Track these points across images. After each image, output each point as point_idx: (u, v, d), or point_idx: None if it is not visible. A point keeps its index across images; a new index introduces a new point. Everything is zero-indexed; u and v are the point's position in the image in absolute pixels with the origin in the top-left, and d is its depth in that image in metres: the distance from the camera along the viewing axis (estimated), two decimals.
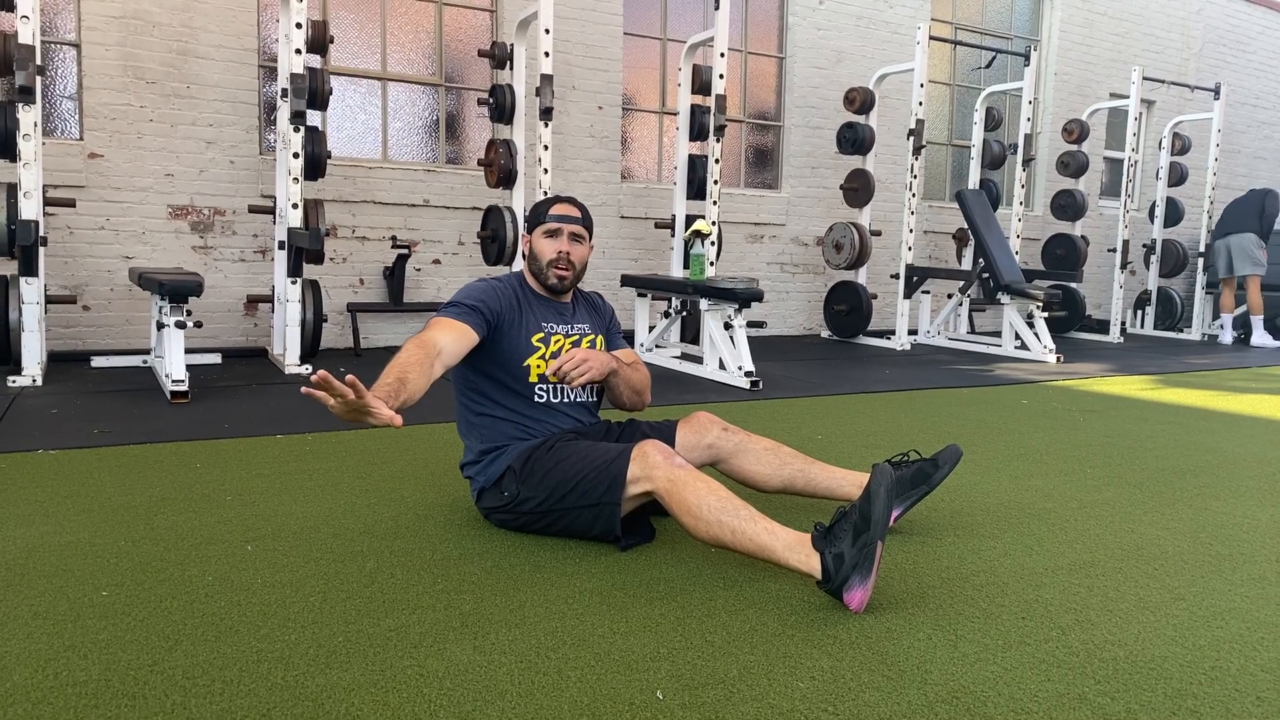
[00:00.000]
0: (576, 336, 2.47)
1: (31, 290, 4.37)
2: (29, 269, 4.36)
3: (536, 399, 2.38)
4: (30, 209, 4.31)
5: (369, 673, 1.57)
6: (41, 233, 4.41)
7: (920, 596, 1.97)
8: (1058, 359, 6.55)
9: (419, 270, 6.38)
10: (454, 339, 2.19)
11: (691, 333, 6.28)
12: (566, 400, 2.42)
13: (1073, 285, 8.74)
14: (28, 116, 4.28)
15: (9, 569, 2.00)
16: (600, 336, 2.54)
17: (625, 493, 2.11)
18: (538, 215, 2.45)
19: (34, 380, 4.37)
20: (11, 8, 4.31)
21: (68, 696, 1.46)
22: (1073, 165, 8.85)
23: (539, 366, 2.36)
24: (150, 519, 2.38)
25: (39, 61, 4.37)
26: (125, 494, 2.61)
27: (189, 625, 1.73)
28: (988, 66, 7.27)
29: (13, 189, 4.39)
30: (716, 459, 2.44)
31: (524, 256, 2.51)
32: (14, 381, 4.33)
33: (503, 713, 1.45)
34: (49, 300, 4.83)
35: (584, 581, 2.00)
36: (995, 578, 2.10)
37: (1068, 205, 8.84)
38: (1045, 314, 6.92)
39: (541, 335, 2.38)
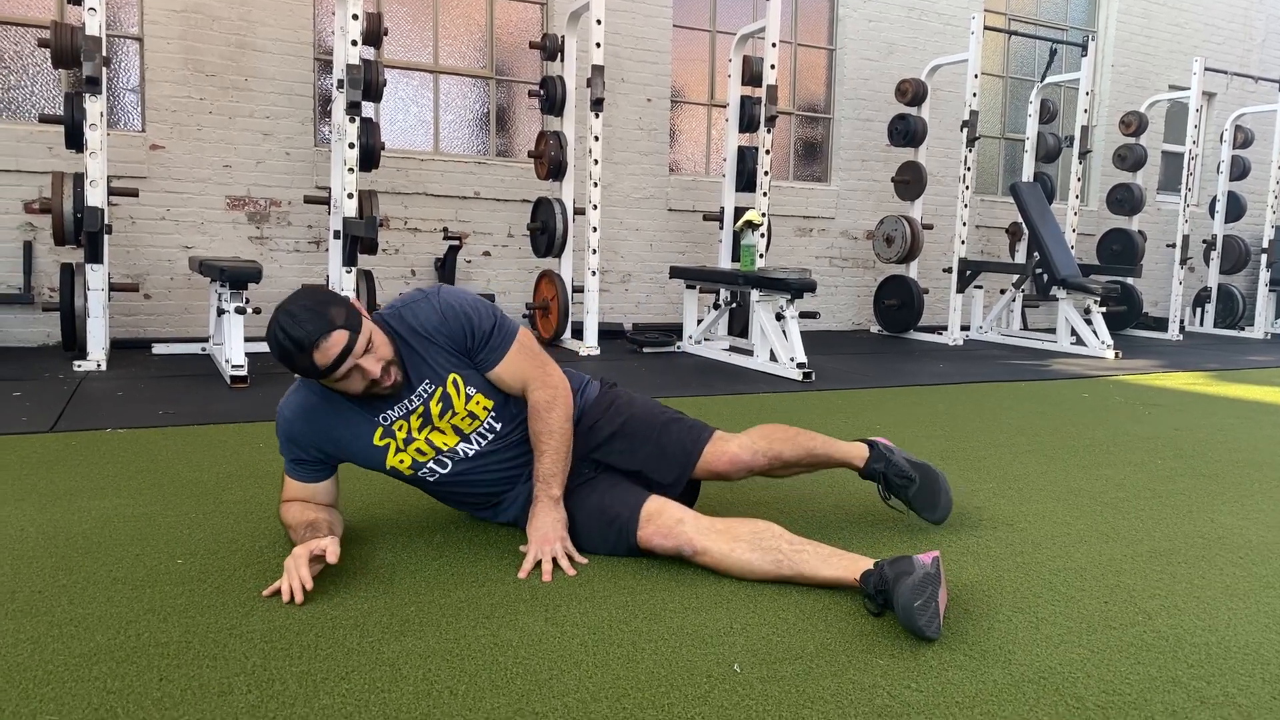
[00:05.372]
0: (420, 407, 1.94)
1: (97, 277, 4.47)
2: (95, 255, 4.45)
3: (429, 479, 2.02)
4: (96, 197, 4.40)
5: (443, 640, 1.57)
6: (106, 221, 4.50)
7: (995, 580, 1.93)
8: (1116, 355, 6.40)
9: (469, 262, 6.42)
10: (319, 491, 2.00)
11: (740, 325, 6.23)
12: (464, 459, 2.00)
13: (1130, 281, 8.53)
14: (94, 106, 4.37)
15: (87, 537, 2.03)
16: (452, 376, 1.94)
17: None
18: (309, 373, 1.83)
19: (99, 365, 4.46)
20: (79, 0, 4.40)
21: (150, 656, 1.48)
22: (1130, 158, 8.64)
23: (404, 460, 1.97)
24: (219, 494, 2.41)
25: (104, 53, 4.46)
26: (193, 470, 2.64)
27: (262, 592, 1.74)
28: (1050, 62, 7.14)
29: (79, 178, 4.49)
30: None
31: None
32: (79, 366, 4.43)
33: (579, 681, 1.44)
34: (112, 288, 4.93)
35: (650, 559, 1.98)
36: (1072, 563, 2.05)
37: (1125, 199, 8.63)
38: (1103, 309, 6.76)
39: (381, 431, 1.94)
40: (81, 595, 1.71)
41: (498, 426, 2.01)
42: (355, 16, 4.82)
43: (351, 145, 4.90)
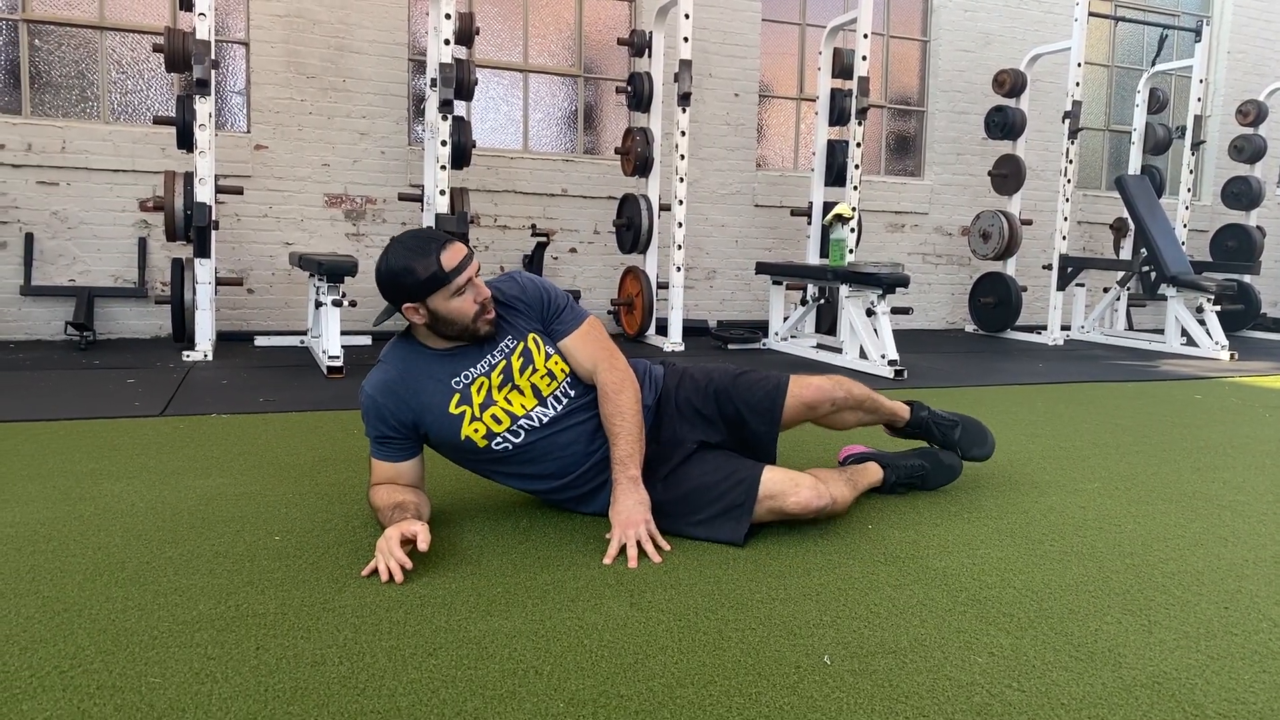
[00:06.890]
0: (502, 362, 1.99)
1: (205, 270, 4.67)
2: (203, 250, 4.65)
3: (501, 448, 2.01)
4: (205, 194, 4.60)
5: (529, 621, 1.57)
6: (213, 218, 4.70)
7: (1103, 580, 1.83)
8: (1231, 356, 6.04)
9: (556, 259, 6.48)
10: (404, 472, 2.02)
11: (827, 323, 6.12)
12: (538, 426, 2.01)
13: (1247, 279, 8.05)
14: (204, 107, 4.57)
15: (192, 513, 2.12)
16: (532, 335, 2.04)
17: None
18: (433, 278, 1.87)
19: (205, 355, 4.66)
20: (190, 7, 4.61)
21: (249, 625, 1.52)
22: (1248, 150, 8.15)
23: (479, 430, 1.98)
24: (314, 476, 2.48)
25: (213, 57, 4.65)
26: (290, 454, 2.73)
27: (354, 570, 1.78)
28: (1160, 49, 6.81)
29: (189, 177, 4.70)
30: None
31: (418, 325, 1.97)
32: (188, 356, 4.63)
33: (665, 667, 1.42)
34: (219, 282, 5.14)
35: (734, 550, 1.95)
36: (1187, 565, 1.93)
37: (1242, 193, 8.15)
38: (1217, 308, 6.38)
39: (458, 399, 1.97)
40: (186, 567, 1.78)
41: (571, 393, 2.06)
42: (448, 16, 4.92)
43: (444, 143, 5.00)
